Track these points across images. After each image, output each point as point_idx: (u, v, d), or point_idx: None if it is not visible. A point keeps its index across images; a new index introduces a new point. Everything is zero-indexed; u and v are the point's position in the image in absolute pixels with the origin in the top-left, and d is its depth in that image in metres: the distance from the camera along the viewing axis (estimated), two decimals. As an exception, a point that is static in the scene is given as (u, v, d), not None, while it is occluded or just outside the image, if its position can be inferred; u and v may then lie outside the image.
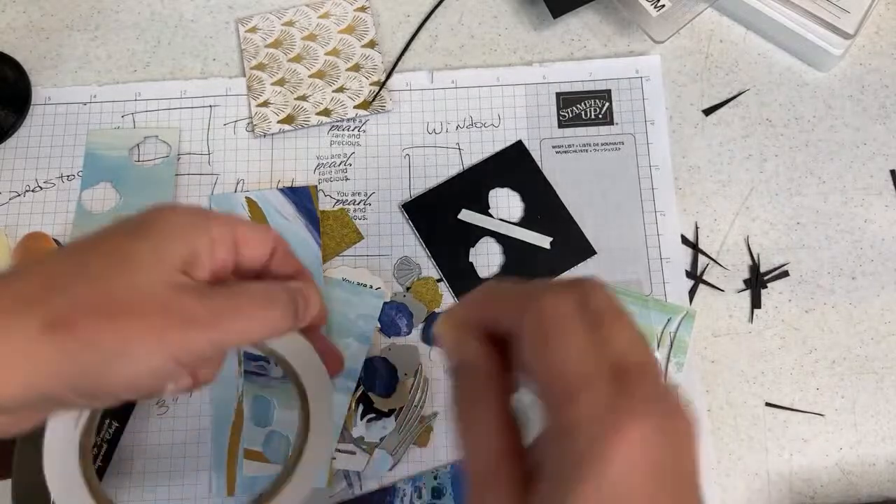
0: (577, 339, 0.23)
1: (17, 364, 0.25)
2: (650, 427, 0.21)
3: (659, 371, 0.23)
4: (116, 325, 0.26)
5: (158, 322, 0.27)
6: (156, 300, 0.27)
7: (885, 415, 0.45)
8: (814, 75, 0.52)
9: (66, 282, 0.27)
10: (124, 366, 0.26)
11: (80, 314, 0.26)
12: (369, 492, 0.44)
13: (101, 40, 0.54)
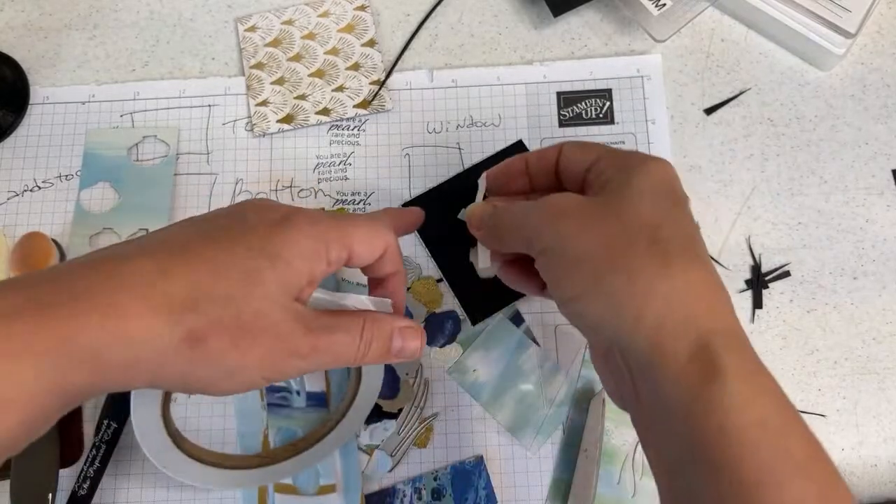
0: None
1: (150, 366, 0.28)
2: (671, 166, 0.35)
3: None
4: (239, 348, 0.29)
5: (270, 352, 0.30)
6: (273, 331, 0.30)
7: (886, 416, 0.45)
8: (815, 74, 0.52)
9: (206, 298, 0.29)
10: (231, 380, 0.30)
11: (213, 333, 0.29)
12: (369, 493, 0.44)
13: (100, 39, 0.53)
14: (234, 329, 0.29)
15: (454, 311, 0.47)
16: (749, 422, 0.28)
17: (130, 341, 0.27)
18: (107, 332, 0.27)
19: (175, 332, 0.28)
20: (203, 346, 0.29)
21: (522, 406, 0.45)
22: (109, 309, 0.27)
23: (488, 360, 0.46)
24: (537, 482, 0.44)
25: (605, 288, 0.32)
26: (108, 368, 0.27)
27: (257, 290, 0.30)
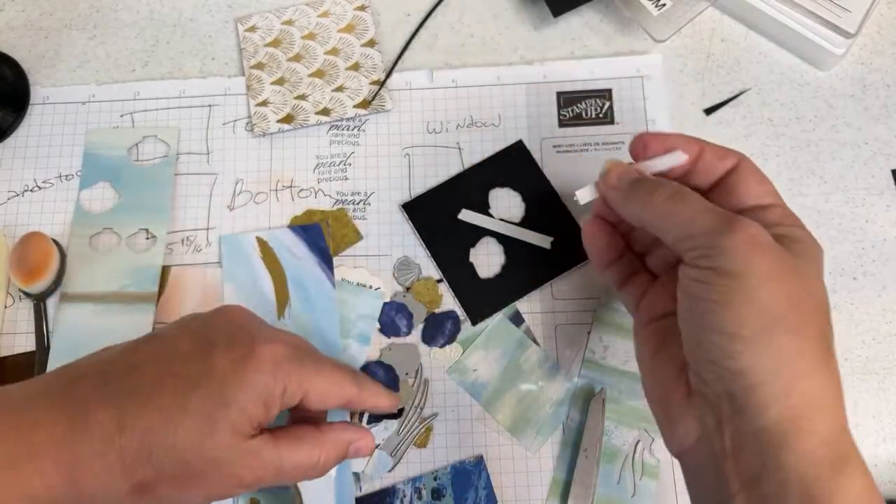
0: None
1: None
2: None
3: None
4: (184, 490, 0.32)
5: (214, 486, 0.33)
6: (219, 471, 0.33)
7: (886, 416, 0.45)
8: (815, 75, 0.52)
9: (158, 449, 0.31)
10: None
11: (161, 481, 0.31)
12: (369, 493, 0.44)
13: (100, 39, 0.53)
14: (182, 476, 0.32)
15: (454, 311, 0.47)
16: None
17: (90, 497, 0.31)
18: (67, 486, 0.30)
19: (126, 484, 0.31)
20: (151, 493, 0.31)
21: (522, 406, 0.45)
22: (71, 463, 0.30)
23: (488, 360, 0.46)
24: (537, 482, 0.44)
25: (773, 342, 0.30)
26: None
27: (209, 440, 0.32)
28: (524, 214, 0.49)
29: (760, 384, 0.30)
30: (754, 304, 0.30)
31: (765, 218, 0.34)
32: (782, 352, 0.30)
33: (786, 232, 0.33)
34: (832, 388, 0.31)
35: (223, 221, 0.49)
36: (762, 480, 0.30)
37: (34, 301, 0.46)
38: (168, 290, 0.47)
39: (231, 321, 0.36)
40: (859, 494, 0.29)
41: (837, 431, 0.30)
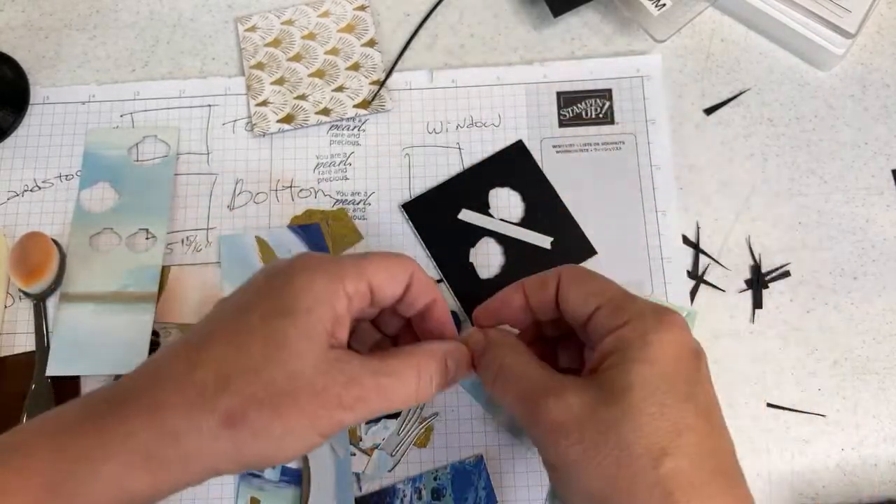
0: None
1: (202, 457, 0.29)
2: (682, 327, 0.32)
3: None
4: (279, 416, 0.29)
5: (313, 410, 0.30)
6: (310, 389, 0.30)
7: (886, 415, 0.45)
8: (815, 75, 0.52)
9: (235, 375, 0.30)
10: (284, 447, 0.30)
11: (249, 408, 0.29)
12: (369, 493, 0.44)
13: (100, 39, 0.53)
14: (270, 398, 0.29)
15: (454, 311, 0.47)
16: None
17: (176, 436, 0.29)
18: (154, 430, 0.29)
19: (213, 417, 0.29)
20: (243, 423, 0.29)
21: (522, 406, 0.45)
22: (152, 405, 0.29)
23: (488, 360, 0.46)
24: (537, 482, 0.44)
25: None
26: (163, 468, 0.29)
27: (282, 353, 0.30)
28: (524, 214, 0.49)
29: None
30: (577, 495, 0.31)
31: (594, 328, 0.33)
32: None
33: (603, 350, 0.32)
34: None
35: (223, 221, 0.49)
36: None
37: (34, 301, 0.46)
38: (168, 290, 0.47)
39: (266, 267, 0.34)
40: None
41: None
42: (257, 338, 0.30)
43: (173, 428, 0.29)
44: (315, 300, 0.31)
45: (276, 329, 0.30)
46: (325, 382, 0.30)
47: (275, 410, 0.29)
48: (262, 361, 0.30)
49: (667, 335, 0.31)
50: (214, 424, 0.29)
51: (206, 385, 0.29)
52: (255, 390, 0.29)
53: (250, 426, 0.29)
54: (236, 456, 0.29)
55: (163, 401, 0.29)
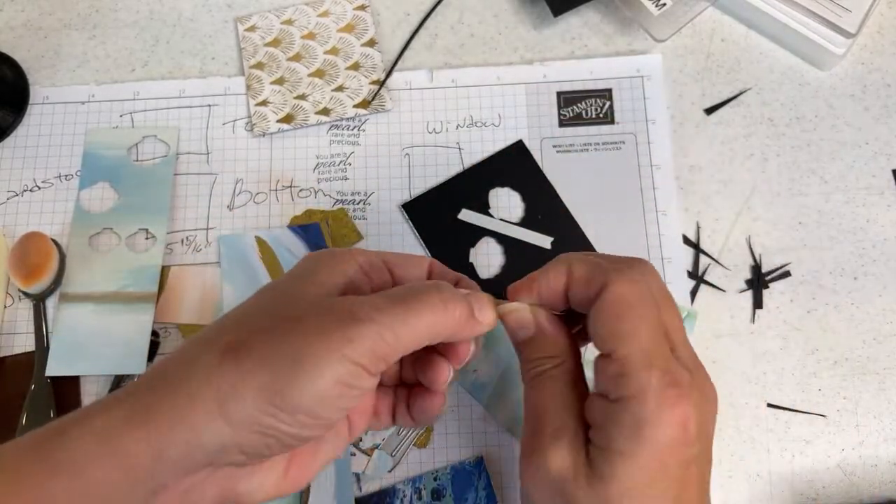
0: (646, 322, 0.29)
1: (207, 394, 0.26)
2: (692, 403, 0.28)
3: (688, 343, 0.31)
4: (287, 339, 0.27)
5: (324, 323, 0.27)
6: (318, 309, 0.28)
7: (887, 416, 0.45)
8: (815, 74, 0.52)
9: (242, 318, 0.29)
10: (303, 373, 0.26)
11: (253, 338, 0.27)
12: (369, 493, 0.44)
13: (100, 39, 0.53)
14: (275, 328, 0.28)
15: (454, 311, 0.47)
16: None
17: (177, 384, 0.27)
18: (155, 390, 0.27)
19: (212, 352, 0.27)
20: (246, 351, 0.27)
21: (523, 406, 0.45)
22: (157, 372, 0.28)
23: (488, 360, 0.46)
24: (537, 482, 0.44)
25: None
26: (160, 419, 0.27)
27: (295, 298, 0.29)
28: (524, 214, 0.49)
29: None
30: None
31: (605, 371, 0.30)
32: None
33: (614, 417, 0.29)
34: None
35: (223, 221, 0.49)
36: None
37: (34, 301, 0.46)
38: (167, 290, 0.47)
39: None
40: None
41: None
42: (271, 294, 0.30)
43: (168, 375, 0.27)
44: (323, 264, 0.30)
45: (284, 288, 0.30)
46: (332, 303, 0.28)
47: (282, 335, 0.27)
48: (270, 307, 0.29)
49: (669, 428, 0.28)
50: (215, 356, 0.27)
51: (211, 335, 0.28)
52: (259, 323, 0.28)
53: (256, 353, 0.27)
54: (245, 389, 0.26)
55: (168, 361, 0.28)
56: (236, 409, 0.26)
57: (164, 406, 0.27)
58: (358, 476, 0.44)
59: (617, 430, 0.28)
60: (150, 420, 0.26)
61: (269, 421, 0.27)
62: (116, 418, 0.27)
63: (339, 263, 0.31)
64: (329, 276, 0.30)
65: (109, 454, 0.26)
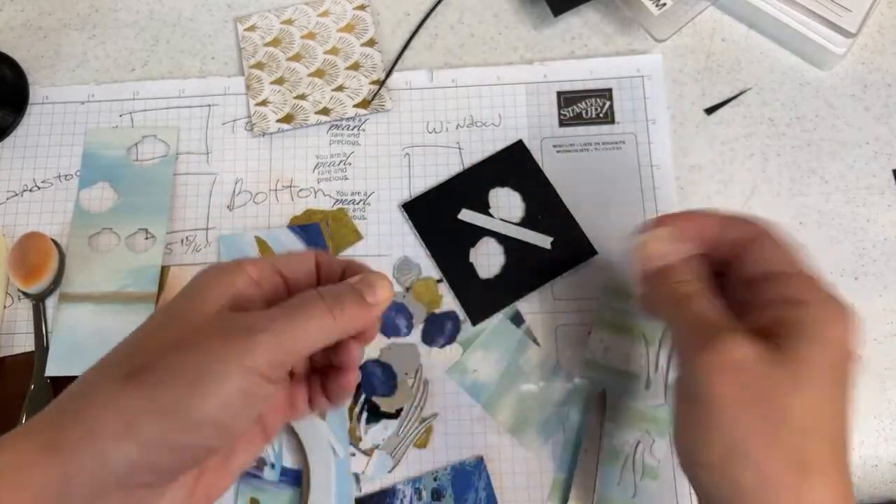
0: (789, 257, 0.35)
1: (114, 419, 0.27)
2: (856, 326, 0.32)
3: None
4: (186, 357, 0.28)
5: (220, 338, 0.29)
6: (214, 325, 0.29)
7: (887, 416, 0.45)
8: (816, 74, 0.52)
9: (139, 343, 0.30)
10: (205, 389, 0.28)
11: (154, 361, 0.28)
12: (369, 493, 0.44)
13: (100, 39, 0.53)
14: (172, 346, 0.29)
15: (454, 311, 0.47)
16: None
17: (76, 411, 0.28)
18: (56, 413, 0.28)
19: (117, 377, 0.28)
20: (147, 373, 0.28)
21: (523, 406, 0.45)
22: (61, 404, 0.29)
23: (488, 360, 0.46)
24: (537, 482, 0.44)
25: (732, 474, 0.30)
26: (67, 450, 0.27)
27: (186, 315, 0.30)
28: (524, 214, 0.48)
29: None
30: (713, 432, 0.31)
31: (775, 291, 0.33)
32: (740, 483, 0.30)
33: (793, 318, 0.32)
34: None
35: (222, 221, 0.49)
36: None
37: (33, 301, 0.46)
38: (167, 290, 0.47)
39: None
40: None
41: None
42: (161, 315, 0.31)
43: (73, 406, 0.28)
44: (210, 280, 0.31)
45: (176, 309, 0.31)
46: (227, 318, 0.30)
47: (179, 352, 0.28)
48: (163, 328, 0.30)
49: (842, 328, 0.32)
50: (121, 380, 0.28)
51: (111, 360, 0.29)
52: (156, 345, 0.29)
53: (157, 375, 0.28)
54: (151, 409, 0.27)
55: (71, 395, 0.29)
56: (144, 430, 0.27)
57: (73, 435, 0.27)
58: (358, 476, 0.44)
59: (807, 322, 0.32)
60: (59, 448, 0.27)
61: (176, 437, 0.28)
62: (25, 451, 0.27)
63: (226, 276, 0.31)
64: (219, 292, 0.31)
65: (19, 484, 0.27)
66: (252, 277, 0.32)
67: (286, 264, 0.33)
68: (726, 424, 0.31)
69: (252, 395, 0.29)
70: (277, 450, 0.44)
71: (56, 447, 0.27)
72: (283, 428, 0.44)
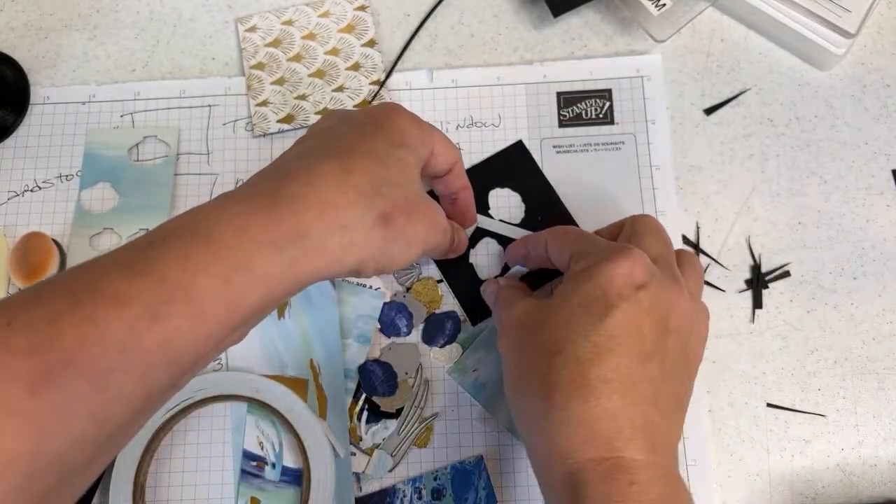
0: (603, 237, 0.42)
1: (358, 248, 0.34)
2: (632, 260, 0.36)
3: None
4: (412, 222, 0.36)
5: (430, 226, 0.38)
6: (426, 208, 0.37)
7: (886, 415, 0.45)
8: (815, 75, 0.52)
9: (383, 184, 0.35)
10: (408, 252, 0.36)
11: (395, 211, 0.35)
12: (369, 493, 0.44)
13: (100, 40, 0.54)
14: (407, 207, 0.35)
15: (454, 311, 0.47)
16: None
17: (345, 228, 0.33)
18: (326, 223, 0.32)
19: (371, 214, 0.34)
20: (392, 223, 0.35)
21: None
22: (322, 206, 0.33)
23: (488, 360, 0.46)
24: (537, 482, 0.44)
25: (516, 413, 0.38)
26: (329, 254, 0.33)
27: (409, 173, 0.37)
28: (524, 215, 0.49)
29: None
30: (508, 380, 0.38)
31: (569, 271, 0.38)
32: (520, 419, 0.38)
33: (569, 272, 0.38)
34: (574, 425, 0.34)
35: (223, 221, 0.49)
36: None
37: (34, 301, 0.46)
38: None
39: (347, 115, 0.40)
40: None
41: (574, 472, 0.33)
42: (391, 159, 0.36)
43: (343, 221, 0.33)
44: (416, 142, 0.38)
45: (401, 157, 0.37)
46: (433, 207, 0.38)
47: (409, 217, 0.36)
48: (399, 178, 0.36)
49: (609, 266, 0.35)
50: (371, 220, 0.34)
51: (363, 188, 0.34)
52: (399, 198, 0.35)
53: (395, 226, 0.35)
54: (380, 252, 0.35)
55: (328, 200, 0.33)
56: (366, 258, 0.34)
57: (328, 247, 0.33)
58: (358, 476, 0.44)
59: (565, 280, 0.37)
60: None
61: (363, 272, 0.36)
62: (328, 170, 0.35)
63: (424, 148, 0.39)
64: (419, 157, 0.39)
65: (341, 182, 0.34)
66: (427, 153, 0.40)
67: (438, 152, 0.41)
68: (512, 368, 0.38)
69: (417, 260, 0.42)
70: (278, 450, 0.44)
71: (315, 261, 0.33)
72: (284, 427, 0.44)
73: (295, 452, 0.44)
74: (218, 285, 0.29)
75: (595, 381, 0.33)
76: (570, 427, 0.33)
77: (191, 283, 0.29)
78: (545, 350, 0.35)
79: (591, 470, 0.32)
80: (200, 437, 0.45)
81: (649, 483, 0.32)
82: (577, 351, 0.34)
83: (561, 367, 0.34)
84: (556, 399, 0.34)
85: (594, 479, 0.32)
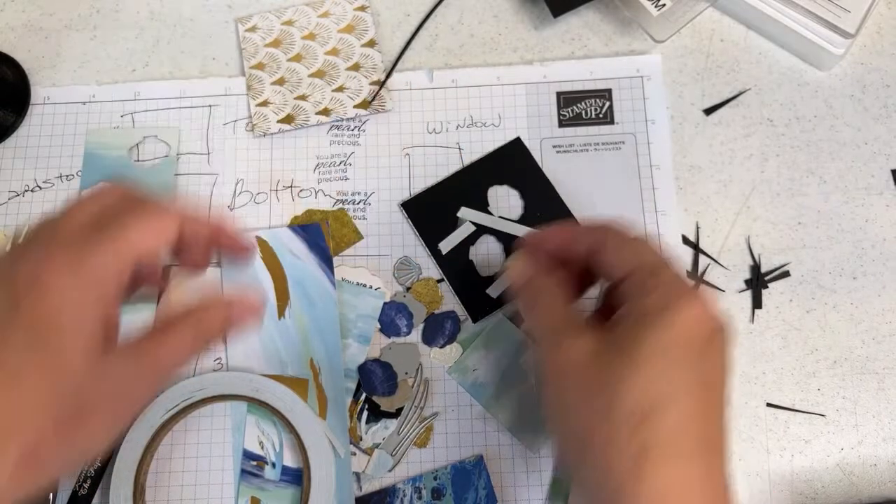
0: (647, 248, 0.35)
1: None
2: (705, 303, 0.32)
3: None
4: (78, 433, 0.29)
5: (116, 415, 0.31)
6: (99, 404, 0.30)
7: (886, 415, 0.45)
8: (815, 75, 0.52)
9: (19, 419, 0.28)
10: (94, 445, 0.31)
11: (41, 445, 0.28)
12: (369, 493, 0.44)
13: (101, 40, 0.54)
14: (63, 425, 0.28)
15: (454, 311, 0.47)
16: None
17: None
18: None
19: (7, 462, 0.27)
20: (38, 456, 0.28)
21: (523, 406, 0.45)
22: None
23: (488, 360, 0.46)
24: (537, 482, 0.44)
25: (582, 476, 0.32)
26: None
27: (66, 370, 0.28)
28: (523, 212, 0.49)
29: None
30: (562, 433, 0.33)
31: (625, 288, 0.33)
32: (589, 484, 0.31)
33: (636, 308, 0.32)
34: (674, 495, 0.29)
35: (223, 221, 0.49)
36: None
37: (34, 301, 0.46)
38: (168, 290, 0.47)
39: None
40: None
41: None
42: (29, 368, 0.28)
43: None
44: (78, 304, 0.29)
45: (55, 351, 0.28)
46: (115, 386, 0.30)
47: (73, 430, 0.29)
48: (44, 393, 0.28)
49: (688, 308, 0.31)
50: (12, 469, 0.27)
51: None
52: (42, 426, 0.28)
53: (49, 454, 0.28)
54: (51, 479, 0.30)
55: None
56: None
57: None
58: (358, 476, 0.44)
59: (648, 310, 0.32)
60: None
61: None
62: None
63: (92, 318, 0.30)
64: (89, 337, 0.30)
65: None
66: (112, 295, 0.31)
67: (145, 252, 0.32)
68: (572, 424, 0.32)
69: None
70: (278, 449, 0.44)
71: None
72: (284, 426, 0.44)
73: (295, 452, 0.44)
74: None
75: (696, 446, 0.30)
76: (672, 495, 0.29)
77: None
78: (628, 408, 0.30)
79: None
80: (200, 437, 0.45)
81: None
82: (687, 409, 0.30)
83: (657, 428, 0.29)
84: (652, 465, 0.29)
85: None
